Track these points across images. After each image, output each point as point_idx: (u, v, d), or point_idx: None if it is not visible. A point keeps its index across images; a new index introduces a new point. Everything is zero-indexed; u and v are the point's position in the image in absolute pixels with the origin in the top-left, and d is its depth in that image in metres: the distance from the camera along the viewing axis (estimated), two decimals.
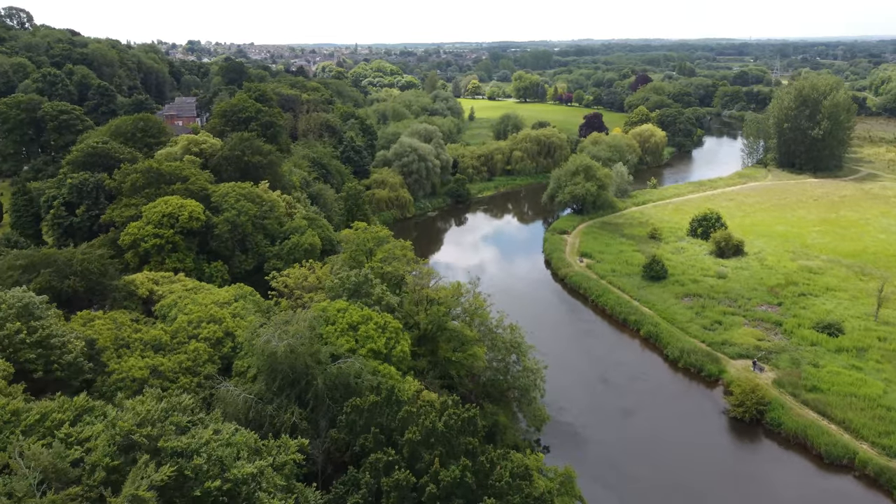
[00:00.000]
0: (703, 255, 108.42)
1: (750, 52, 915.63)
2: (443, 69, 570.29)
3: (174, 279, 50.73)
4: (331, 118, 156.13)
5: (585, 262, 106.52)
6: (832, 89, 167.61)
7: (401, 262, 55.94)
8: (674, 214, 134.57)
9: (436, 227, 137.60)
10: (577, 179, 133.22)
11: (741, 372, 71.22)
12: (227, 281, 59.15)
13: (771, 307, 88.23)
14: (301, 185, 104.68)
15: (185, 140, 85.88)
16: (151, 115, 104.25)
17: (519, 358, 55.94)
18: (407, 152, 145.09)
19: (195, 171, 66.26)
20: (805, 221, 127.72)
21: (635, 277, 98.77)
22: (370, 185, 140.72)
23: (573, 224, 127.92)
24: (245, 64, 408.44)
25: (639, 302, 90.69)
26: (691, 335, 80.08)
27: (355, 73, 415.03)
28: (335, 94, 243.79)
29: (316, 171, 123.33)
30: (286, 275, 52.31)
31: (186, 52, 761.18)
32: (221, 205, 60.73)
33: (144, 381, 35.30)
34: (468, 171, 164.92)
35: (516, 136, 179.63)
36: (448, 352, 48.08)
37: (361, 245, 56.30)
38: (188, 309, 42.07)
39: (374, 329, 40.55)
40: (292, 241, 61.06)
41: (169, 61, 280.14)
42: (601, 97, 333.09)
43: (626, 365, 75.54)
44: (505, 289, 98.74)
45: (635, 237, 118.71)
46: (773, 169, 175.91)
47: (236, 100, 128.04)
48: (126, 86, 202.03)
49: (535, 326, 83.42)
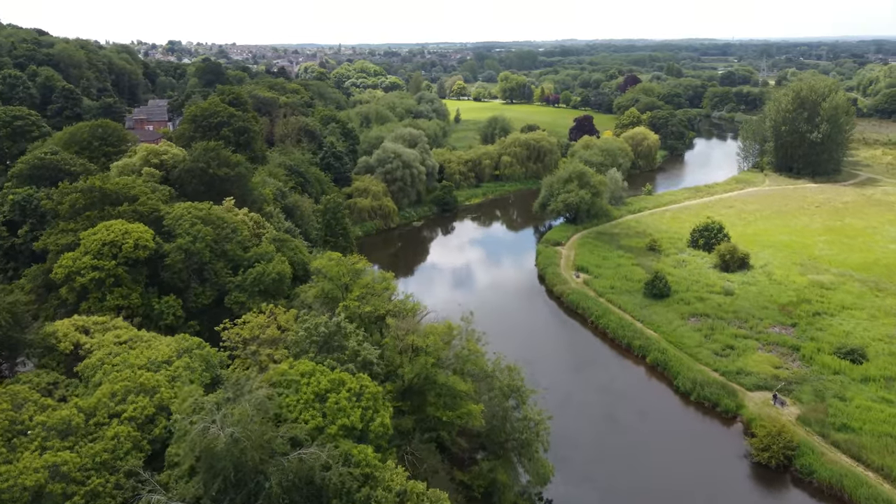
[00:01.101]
0: (706, 269, 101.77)
1: (733, 53, 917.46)
2: (427, 70, 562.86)
3: (110, 325, 42.54)
4: (310, 122, 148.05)
5: (582, 278, 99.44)
6: (831, 91, 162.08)
7: (381, 300, 48.43)
8: (672, 223, 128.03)
9: (421, 238, 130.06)
10: (570, 187, 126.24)
11: (761, 407, 64.36)
12: (181, 318, 51.21)
13: (785, 328, 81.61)
14: (276, 197, 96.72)
15: (145, 150, 77.65)
16: (111, 122, 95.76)
17: (519, 404, 48.54)
18: (390, 158, 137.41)
19: (146, 190, 57.99)
20: (809, 230, 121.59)
21: (636, 295, 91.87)
22: (352, 193, 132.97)
23: (567, 234, 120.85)
24: (225, 65, 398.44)
25: (642, 323, 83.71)
26: (702, 362, 73.19)
27: (338, 73, 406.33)
28: (316, 96, 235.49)
29: (293, 180, 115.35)
30: (241, 323, 44.29)
31: (166, 52, 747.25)
32: (175, 229, 52.79)
33: (41, 488, 27.01)
34: (455, 178, 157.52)
35: (504, 140, 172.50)
36: (438, 409, 40.73)
37: (336, 279, 48.67)
38: (113, 376, 33.86)
39: (347, 398, 32.89)
40: (257, 269, 53.25)
41: (143, 62, 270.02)
42: (589, 98, 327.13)
43: (633, 399, 68.42)
44: (497, 309, 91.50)
45: (633, 249, 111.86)
46: (770, 173, 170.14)
47: (207, 104, 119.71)
48: (95, 88, 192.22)
49: (531, 353, 76.36)
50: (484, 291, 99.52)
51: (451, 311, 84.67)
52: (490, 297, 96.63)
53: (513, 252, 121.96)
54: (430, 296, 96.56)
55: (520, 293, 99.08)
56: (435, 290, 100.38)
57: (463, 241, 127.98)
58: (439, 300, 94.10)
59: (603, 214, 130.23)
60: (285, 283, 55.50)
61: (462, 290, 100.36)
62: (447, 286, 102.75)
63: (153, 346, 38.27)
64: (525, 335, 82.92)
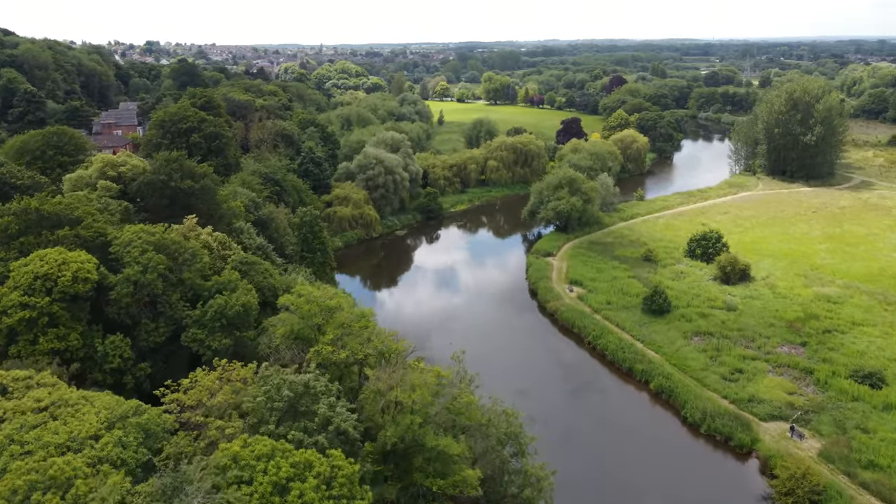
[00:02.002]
0: (706, 282, 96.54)
1: (714, 53, 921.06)
2: (410, 70, 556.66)
3: (33, 381, 35.54)
4: (287, 126, 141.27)
5: (576, 292, 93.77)
6: (824, 92, 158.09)
7: (359, 340, 42.18)
8: (666, 231, 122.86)
9: (405, 248, 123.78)
10: (560, 194, 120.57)
11: (778, 441, 58.95)
12: (130, 360, 44.57)
13: (794, 348, 76.44)
14: (248, 209, 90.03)
15: (101, 162, 70.62)
16: (68, 129, 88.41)
17: (518, 454, 42.53)
18: (372, 164, 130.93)
19: (92, 210, 51.14)
20: (809, 238, 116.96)
21: (635, 311, 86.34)
22: (331, 201, 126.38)
23: (558, 244, 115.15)
24: (204, 66, 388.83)
25: (643, 343, 78.14)
26: (710, 388, 67.72)
27: (319, 74, 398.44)
28: (295, 98, 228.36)
29: (268, 189, 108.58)
30: (185, 387, 37.20)
31: (144, 52, 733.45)
32: (123, 257, 46.12)
33: None
34: (439, 183, 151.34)
35: (490, 143, 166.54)
36: (427, 476, 34.63)
37: (307, 319, 42.36)
38: (16, 466, 26.92)
39: (314, 488, 26.57)
40: (219, 301, 46.71)
41: (115, 63, 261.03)
42: (574, 99, 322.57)
43: (638, 432, 62.67)
44: (487, 328, 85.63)
45: (628, 259, 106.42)
46: (762, 177, 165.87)
47: (176, 108, 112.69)
48: (62, 91, 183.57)
49: (525, 380, 70.59)
50: (472, 307, 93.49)
51: (439, 343, 78.76)
52: (479, 314, 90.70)
53: (502, 263, 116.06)
54: (415, 313, 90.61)
55: (511, 309, 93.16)
56: (420, 307, 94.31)
57: (449, 251, 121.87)
58: (424, 317, 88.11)
59: (594, 222, 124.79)
60: (251, 315, 49.10)
61: (449, 307, 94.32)
62: (433, 302, 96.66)
63: (80, 413, 31.55)
64: (518, 358, 77.04)
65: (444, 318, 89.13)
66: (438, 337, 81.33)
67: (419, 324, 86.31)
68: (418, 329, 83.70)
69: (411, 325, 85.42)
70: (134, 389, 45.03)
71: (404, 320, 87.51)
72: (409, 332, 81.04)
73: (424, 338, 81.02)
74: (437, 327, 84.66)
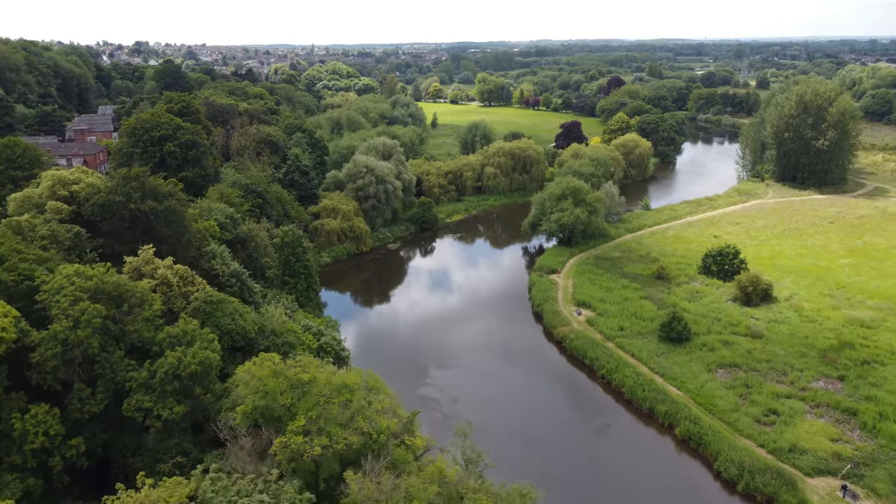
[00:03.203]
0: (725, 303, 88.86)
1: (707, 53, 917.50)
2: (402, 71, 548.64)
3: None
4: (273, 132, 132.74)
5: (585, 316, 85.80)
6: (837, 95, 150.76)
7: (343, 417, 33.86)
8: (676, 244, 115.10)
9: (397, 263, 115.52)
10: (563, 205, 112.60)
11: (829, 503, 51.10)
12: (58, 436, 36.12)
13: (831, 382, 68.74)
14: (225, 226, 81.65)
15: (50, 179, 61.98)
16: (21, 140, 79.59)
17: None
18: (362, 173, 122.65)
19: (17, 247, 42.34)
20: (829, 252, 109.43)
21: (651, 339, 78.52)
22: (319, 212, 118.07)
23: (562, 259, 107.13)
24: (193, 66, 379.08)
25: (662, 377, 70.27)
26: (743, 433, 59.93)
27: (309, 75, 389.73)
28: (284, 101, 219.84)
29: (249, 201, 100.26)
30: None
31: (132, 53, 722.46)
32: (51, 308, 37.77)
33: None
34: (434, 191, 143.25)
35: (487, 149, 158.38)
36: None
37: (271, 400, 33.84)
38: None
39: None
40: (171, 359, 38.29)
41: (97, 64, 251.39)
42: (570, 101, 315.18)
43: (667, 490, 54.68)
44: (489, 363, 77.43)
45: (639, 277, 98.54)
46: (772, 183, 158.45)
47: (149, 115, 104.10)
48: (36, 94, 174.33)
49: (536, 426, 62.66)
50: (473, 336, 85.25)
51: (439, 380, 70.28)
52: (481, 344, 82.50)
53: (502, 280, 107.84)
54: (410, 344, 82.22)
55: (514, 336, 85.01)
56: (415, 335, 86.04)
57: (445, 267, 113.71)
58: (420, 349, 79.78)
59: (600, 234, 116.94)
60: (211, 374, 40.88)
61: (447, 335, 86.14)
62: (429, 329, 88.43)
63: None
64: (526, 400, 68.90)
65: (442, 350, 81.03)
66: (438, 376, 73.31)
67: (414, 356, 78.24)
68: (413, 364, 75.65)
69: (405, 358, 77.40)
70: (65, 471, 36.82)
71: (397, 353, 79.44)
72: (403, 370, 72.97)
73: (420, 374, 73.01)
74: (434, 362, 76.48)
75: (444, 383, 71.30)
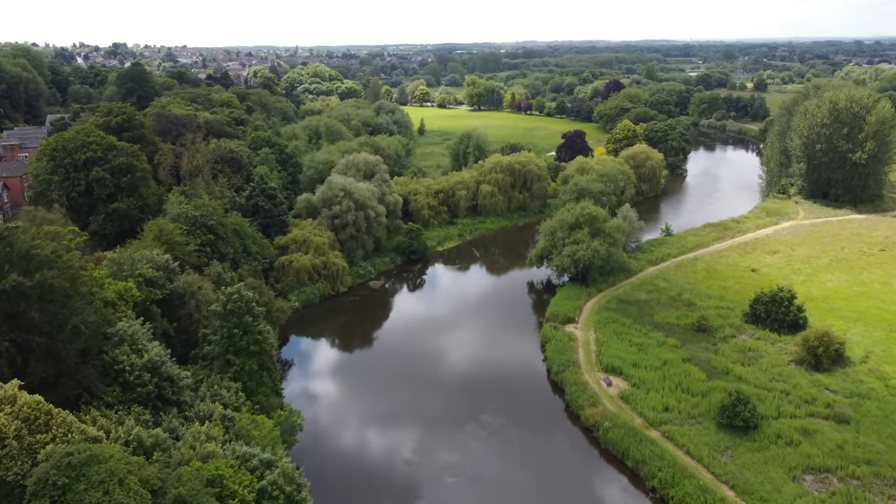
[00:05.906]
0: (787, 366, 71.43)
1: (695, 54, 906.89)
2: (387, 73, 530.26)
3: None
4: (235, 147, 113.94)
5: (617, 389, 67.92)
6: (875, 102, 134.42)
7: None
8: (710, 281, 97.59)
9: (380, 306, 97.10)
10: (578, 235, 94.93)
11: None
12: None
13: None
14: (159, 280, 63.00)
15: None
16: None
17: None
18: (339, 198, 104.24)
19: None
20: (893, 290, 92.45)
21: (706, 423, 60.90)
22: (287, 245, 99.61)
23: (578, 303, 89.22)
24: (171, 69, 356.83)
25: (734, 490, 52.48)
26: None
27: (290, 78, 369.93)
28: (258, 108, 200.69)
29: (198, 238, 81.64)
30: None
31: (109, 55, 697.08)
32: None
33: None
34: (423, 214, 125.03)
35: (483, 164, 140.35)
36: None
37: None
38: None
39: None
40: None
41: (52, 68, 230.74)
42: (565, 105, 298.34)
43: None
44: (500, 469, 58.96)
45: (675, 329, 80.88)
46: (800, 200, 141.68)
47: (72, 133, 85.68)
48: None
49: None
50: (476, 421, 66.58)
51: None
52: (489, 440, 64.10)
53: (508, 329, 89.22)
54: (392, 445, 63.40)
55: (530, 421, 65.97)
56: (399, 427, 67.65)
57: (436, 314, 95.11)
58: (404, 445, 61.11)
59: (620, 269, 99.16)
60: None
61: (443, 426, 67.87)
62: (419, 413, 70.10)
63: None
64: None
65: (437, 446, 62.76)
66: (430, 490, 54.89)
67: (395, 454, 59.80)
68: (395, 469, 57.03)
69: (383, 462, 58.84)
70: None
71: (378, 453, 61.02)
72: (382, 477, 54.19)
73: (407, 489, 54.37)
74: (427, 476, 57.82)
75: (437, 502, 53.07)
